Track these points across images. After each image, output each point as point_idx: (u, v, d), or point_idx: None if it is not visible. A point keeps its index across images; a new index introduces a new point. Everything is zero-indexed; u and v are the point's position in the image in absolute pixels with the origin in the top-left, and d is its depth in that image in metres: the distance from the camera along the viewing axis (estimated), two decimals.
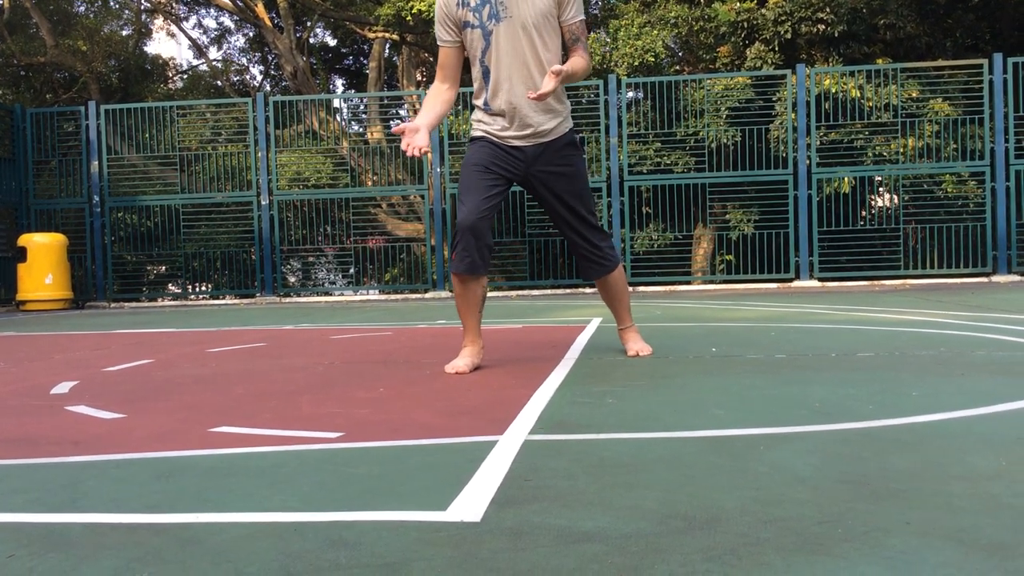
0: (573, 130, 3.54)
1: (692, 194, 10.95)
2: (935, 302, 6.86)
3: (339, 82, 23.01)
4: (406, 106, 16.59)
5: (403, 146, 3.23)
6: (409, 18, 12.89)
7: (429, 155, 3.31)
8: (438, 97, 3.45)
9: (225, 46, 22.81)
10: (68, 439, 2.30)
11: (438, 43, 3.45)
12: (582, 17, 3.43)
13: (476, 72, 3.42)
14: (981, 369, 3.09)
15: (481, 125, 3.46)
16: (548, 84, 3.17)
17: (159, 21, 21.64)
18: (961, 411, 2.32)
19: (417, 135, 3.24)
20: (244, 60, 22.73)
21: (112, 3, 20.10)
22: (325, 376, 3.42)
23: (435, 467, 1.87)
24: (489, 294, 3.56)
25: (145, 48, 20.51)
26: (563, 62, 3.36)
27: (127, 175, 12.03)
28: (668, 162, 10.91)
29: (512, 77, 3.33)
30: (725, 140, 10.87)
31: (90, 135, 11.65)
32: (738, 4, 11.66)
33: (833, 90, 10.61)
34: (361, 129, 14.91)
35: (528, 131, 3.39)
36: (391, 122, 15.50)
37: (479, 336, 3.48)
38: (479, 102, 3.44)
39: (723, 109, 10.94)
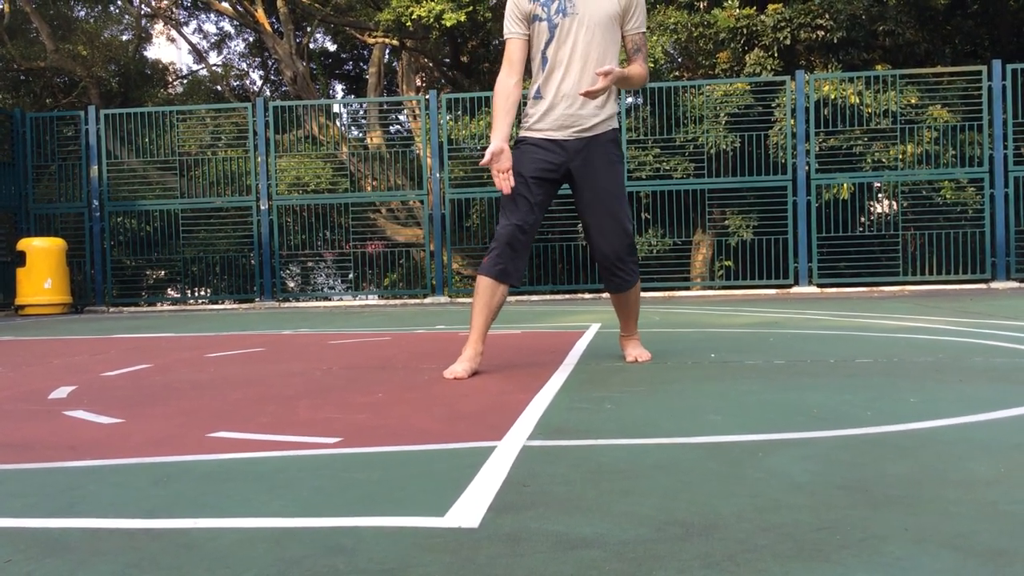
0: (617, 131, 3.58)
1: (691, 200, 10.96)
2: (934, 308, 6.87)
3: (339, 87, 23.03)
4: (406, 111, 16.62)
5: (499, 184, 3.33)
6: (409, 24, 12.91)
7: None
8: (508, 99, 3.44)
9: (225, 51, 22.84)
10: (66, 444, 2.30)
11: (505, 36, 3.51)
12: (645, 30, 3.54)
13: (536, 64, 3.50)
14: (979, 375, 3.09)
15: (528, 120, 3.53)
16: (600, 83, 3.25)
17: (159, 26, 21.66)
18: (959, 417, 2.32)
19: (503, 158, 3.32)
20: (244, 65, 22.75)
21: (112, 8, 20.12)
22: (323, 381, 3.42)
23: (433, 473, 1.87)
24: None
25: (145, 53, 20.54)
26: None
27: (127, 180, 12.03)
28: (667, 168, 10.92)
29: (568, 68, 3.42)
30: (724, 146, 10.88)
31: (90, 140, 11.65)
32: (737, 10, 11.68)
33: (832, 96, 10.63)
34: (361, 134, 14.92)
35: (571, 123, 3.45)
36: (391, 127, 15.52)
37: (482, 342, 3.46)
38: (532, 91, 3.52)
39: (722, 115, 10.95)
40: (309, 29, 19.27)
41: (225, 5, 18.40)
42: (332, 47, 22.04)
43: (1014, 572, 1.22)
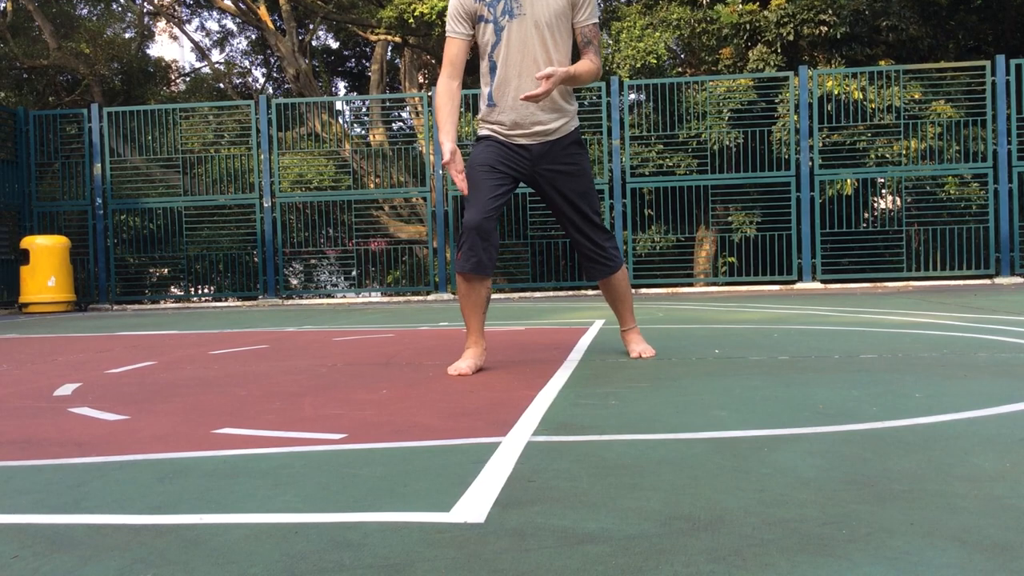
0: (579, 129, 3.55)
1: (694, 196, 10.95)
2: (938, 304, 6.86)
3: (341, 84, 23.04)
4: (408, 108, 16.61)
5: (460, 186, 3.29)
6: (411, 20, 12.90)
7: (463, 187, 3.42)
8: (452, 102, 3.40)
9: (227, 49, 22.87)
10: (71, 441, 2.30)
11: (448, 35, 3.41)
12: (595, 21, 3.44)
13: (484, 67, 3.42)
14: (984, 371, 3.09)
15: (487, 125, 3.47)
16: (542, 87, 3.17)
17: (162, 24, 21.68)
18: (964, 412, 2.32)
19: (458, 159, 3.28)
20: (246, 63, 22.77)
21: (115, 6, 20.13)
22: (328, 378, 3.42)
23: (438, 468, 1.87)
24: (491, 296, 3.56)
25: (148, 51, 20.55)
26: (573, 64, 3.38)
27: (130, 178, 12.04)
28: (670, 164, 10.91)
29: (521, 74, 3.34)
30: (727, 142, 10.87)
31: (93, 138, 11.67)
32: (740, 6, 11.66)
33: (835, 92, 10.61)
34: (363, 131, 14.91)
35: (533, 129, 3.40)
36: (393, 124, 15.51)
37: (482, 337, 3.48)
38: (484, 94, 3.46)
39: (725, 111, 10.94)
40: (311, 26, 19.27)
41: (228, 3, 18.40)
42: (334, 44, 22.05)
43: (1020, 567, 1.22)
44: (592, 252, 3.57)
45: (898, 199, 10.99)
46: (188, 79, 22.11)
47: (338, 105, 15.02)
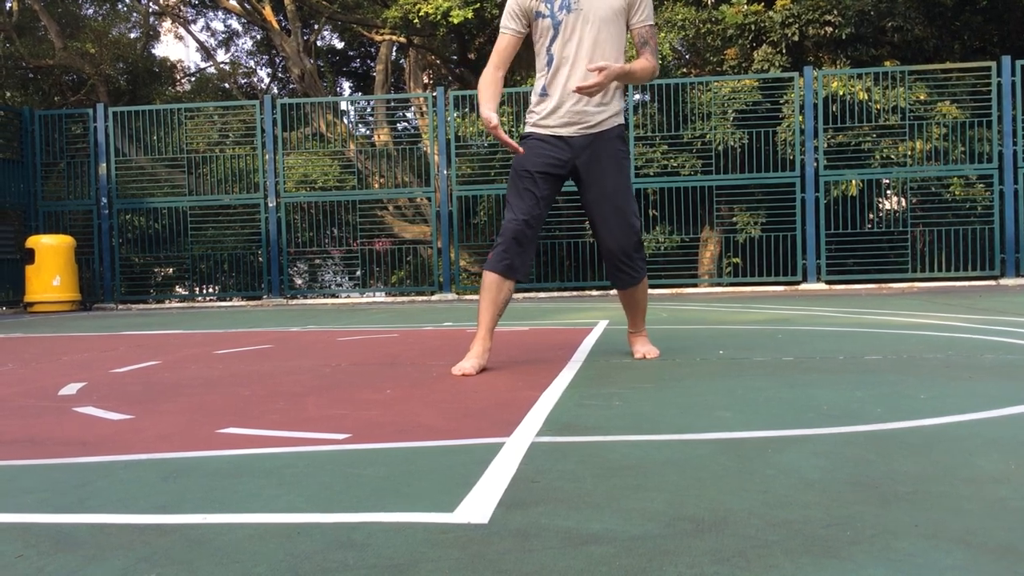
0: (623, 126, 3.58)
1: (699, 197, 10.94)
2: (943, 305, 6.84)
3: (346, 85, 23.05)
4: (413, 108, 16.62)
5: (511, 144, 3.31)
6: (416, 20, 12.91)
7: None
8: (494, 84, 3.49)
9: (233, 49, 22.87)
10: (76, 440, 2.31)
11: (501, 30, 3.52)
12: (652, 22, 3.51)
13: (540, 62, 3.50)
14: (989, 372, 3.08)
15: (533, 116, 3.53)
16: (592, 79, 3.22)
17: (167, 24, 21.70)
18: (969, 414, 2.32)
19: (499, 127, 3.33)
20: (251, 63, 22.78)
21: (120, 6, 20.16)
22: (332, 378, 3.43)
23: (442, 469, 1.87)
24: (511, 298, 3.59)
25: (153, 51, 20.56)
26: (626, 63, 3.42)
27: (135, 177, 12.06)
28: (675, 164, 10.89)
29: (574, 65, 3.41)
30: (732, 142, 10.85)
31: (98, 137, 11.69)
32: (745, 6, 11.64)
33: (840, 93, 10.59)
34: (368, 132, 14.92)
35: (576, 119, 3.45)
36: (398, 124, 15.51)
37: (489, 337, 3.47)
38: (537, 88, 3.52)
39: (730, 111, 10.92)
40: (316, 26, 19.29)
41: (233, 3, 18.42)
42: (339, 44, 22.06)
43: None
44: (620, 261, 3.55)
45: (903, 200, 10.96)
46: (193, 79, 22.12)
47: (343, 105, 15.03)
